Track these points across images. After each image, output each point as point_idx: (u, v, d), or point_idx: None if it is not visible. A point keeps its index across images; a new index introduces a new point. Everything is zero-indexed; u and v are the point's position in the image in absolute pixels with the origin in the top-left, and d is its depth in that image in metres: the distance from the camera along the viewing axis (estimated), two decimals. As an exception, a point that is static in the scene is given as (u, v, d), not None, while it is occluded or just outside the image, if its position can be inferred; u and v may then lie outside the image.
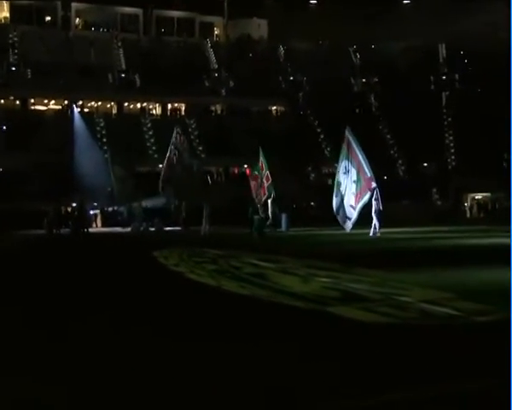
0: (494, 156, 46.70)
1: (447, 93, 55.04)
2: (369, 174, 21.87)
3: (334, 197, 23.36)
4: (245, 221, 26.27)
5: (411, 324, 6.45)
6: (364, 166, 22.05)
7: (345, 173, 22.69)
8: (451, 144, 51.94)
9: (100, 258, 16.57)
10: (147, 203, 32.90)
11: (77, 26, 56.36)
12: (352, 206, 22.22)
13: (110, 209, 37.16)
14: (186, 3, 57.91)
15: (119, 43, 54.91)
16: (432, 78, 55.58)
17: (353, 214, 22.11)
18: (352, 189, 22.29)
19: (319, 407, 4.00)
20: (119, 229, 31.96)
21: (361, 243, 19.41)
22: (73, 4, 55.77)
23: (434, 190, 46.79)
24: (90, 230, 31.51)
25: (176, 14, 59.95)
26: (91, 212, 35.68)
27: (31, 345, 5.91)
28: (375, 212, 21.64)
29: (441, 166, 49.36)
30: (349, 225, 22.45)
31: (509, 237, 19.90)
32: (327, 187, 46.89)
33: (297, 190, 40.74)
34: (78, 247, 22.06)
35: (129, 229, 30.89)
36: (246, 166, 48.42)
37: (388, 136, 52.41)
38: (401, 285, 8.89)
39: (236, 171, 48.42)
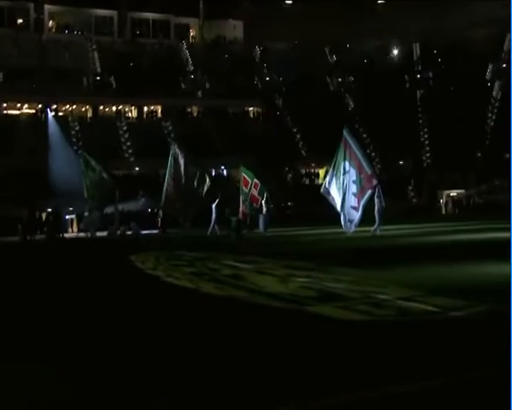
0: (468, 154, 47.35)
1: (422, 91, 55.63)
2: (369, 172, 21.75)
3: (337, 198, 22.95)
4: (222, 223, 26.21)
5: (388, 321, 6.47)
6: (364, 164, 21.90)
7: (344, 174, 22.53)
8: (426, 142, 52.52)
9: (75, 264, 16.36)
10: (123, 207, 32.58)
11: (50, 29, 55.68)
12: (353, 207, 21.95)
13: (86, 214, 36.71)
14: (161, 5, 57.63)
15: (94, 46, 54.43)
16: (406, 76, 56.15)
17: (356, 215, 21.89)
18: (352, 189, 22.08)
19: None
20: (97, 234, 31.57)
21: (338, 242, 19.48)
22: (46, 6, 55.06)
23: (410, 187, 47.25)
24: (66, 235, 31.14)
25: (151, 15, 59.61)
26: (67, 217, 35.24)
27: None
28: (378, 210, 21.33)
29: (416, 164, 49.87)
30: (352, 227, 22.09)
31: (478, 232, 20.19)
32: (304, 187, 47.11)
33: (274, 191, 40.76)
34: (53, 253, 21.76)
35: (105, 233, 30.55)
36: (223, 167, 48.37)
37: (364, 134, 52.78)
38: (378, 283, 8.92)
39: (214, 173, 48.31)
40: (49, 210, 33.44)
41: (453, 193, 47.81)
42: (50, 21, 56.08)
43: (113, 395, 4.38)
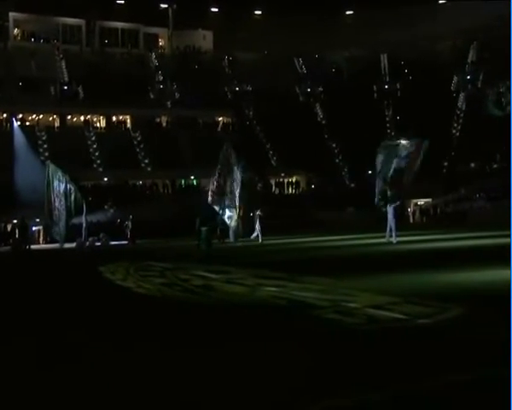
0: (434, 163, 48.09)
1: (389, 101, 56.47)
2: (407, 182, 22.38)
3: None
4: (192, 233, 26.07)
5: (357, 329, 6.48)
6: (412, 173, 22.44)
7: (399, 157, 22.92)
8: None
9: (42, 276, 16.05)
10: (91, 218, 32.18)
11: (15, 37, 54.88)
12: None
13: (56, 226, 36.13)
14: (130, 14, 57.36)
15: (61, 55, 53.82)
16: (374, 87, 56.94)
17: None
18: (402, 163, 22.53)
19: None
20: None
21: (308, 251, 19.55)
22: (11, 14, 54.26)
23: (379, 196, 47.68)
24: (33, 247, 30.56)
25: (120, 25, 59.27)
26: (33, 228, 34.64)
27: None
28: (391, 220, 21.12)
29: (385, 174, 50.38)
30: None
31: (448, 240, 20.50)
32: (274, 197, 47.23)
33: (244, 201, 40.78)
34: (19, 265, 21.32)
35: (73, 245, 30.09)
36: (192, 177, 48.18)
37: (333, 144, 53.26)
38: (348, 292, 8.95)
39: (183, 183, 48.11)
40: (15, 221, 32.83)
41: (420, 202, 48.48)
42: (15, 29, 55.26)
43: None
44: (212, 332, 6.80)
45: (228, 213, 28.26)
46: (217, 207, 28.51)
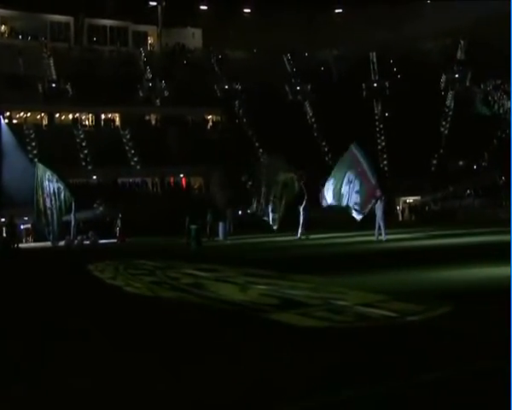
0: (423, 161, 48.38)
1: (378, 99, 56.67)
2: (373, 182, 21.92)
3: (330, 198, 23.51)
4: (182, 231, 26.02)
5: (346, 327, 6.51)
6: (369, 174, 22.07)
7: (346, 184, 22.83)
8: (383, 149, 53.44)
9: (31, 274, 15.97)
10: (80, 216, 32.06)
11: (2, 34, 54.46)
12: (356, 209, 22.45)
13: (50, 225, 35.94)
14: (119, 12, 57.11)
15: (49, 53, 53.48)
16: (363, 85, 57.11)
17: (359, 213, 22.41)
18: (355, 199, 22.41)
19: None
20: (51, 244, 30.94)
21: (298, 249, 19.58)
22: (-2, 11, 53.93)
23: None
24: (21, 245, 30.37)
25: (108, 22, 59.00)
26: (22, 227, 34.43)
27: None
28: (380, 218, 21.15)
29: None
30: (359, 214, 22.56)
31: (433, 238, 20.63)
32: (263, 195, 47.14)
33: (234, 199, 40.79)
34: (8, 263, 21.19)
35: (62, 243, 29.97)
36: (181, 175, 48.10)
37: (323, 142, 53.36)
38: (338, 290, 8.97)
39: (172, 181, 48.02)
40: (3, 220, 32.62)
41: (409, 200, 48.72)
42: (3, 26, 54.86)
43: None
44: (200, 331, 6.80)
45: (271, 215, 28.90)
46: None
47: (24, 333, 7.24)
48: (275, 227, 29.78)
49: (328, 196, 23.99)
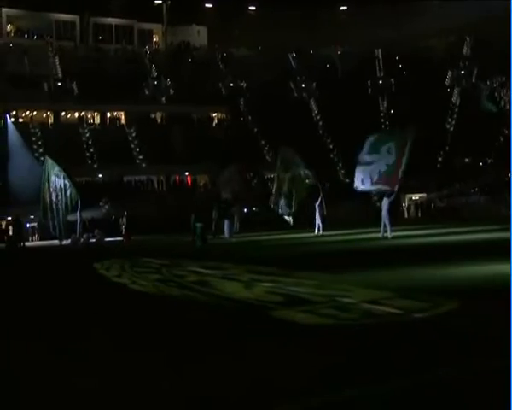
0: (429, 158, 48.20)
1: (384, 97, 56.51)
2: (399, 175, 21.75)
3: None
4: (187, 229, 26.02)
5: (351, 324, 6.50)
6: (402, 166, 21.84)
7: (379, 153, 22.13)
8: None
9: (38, 272, 16.02)
10: (85, 214, 32.12)
11: (8, 33, 54.60)
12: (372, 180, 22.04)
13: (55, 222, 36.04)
14: (124, 10, 57.18)
15: (55, 51, 53.59)
16: (369, 82, 56.95)
17: (365, 185, 22.10)
18: (380, 167, 21.97)
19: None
20: (57, 242, 31.03)
21: (302, 247, 19.57)
22: (4, 10, 54.02)
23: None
24: (28, 244, 30.47)
25: (114, 21, 59.07)
26: (28, 225, 34.54)
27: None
28: (385, 217, 20.96)
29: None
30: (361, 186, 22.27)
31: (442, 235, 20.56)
32: (269, 193, 47.24)
33: (239, 197, 40.80)
34: (15, 262, 21.27)
35: (68, 241, 30.05)
36: (187, 173, 48.13)
37: (328, 140, 53.25)
38: (343, 287, 8.96)
39: (177, 179, 48.06)
40: (10, 218, 32.74)
41: (415, 197, 48.58)
42: (8, 25, 55.00)
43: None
44: (205, 329, 6.81)
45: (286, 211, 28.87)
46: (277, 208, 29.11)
47: (28, 332, 7.26)
48: (291, 224, 29.56)
49: (364, 178, 22.82)
